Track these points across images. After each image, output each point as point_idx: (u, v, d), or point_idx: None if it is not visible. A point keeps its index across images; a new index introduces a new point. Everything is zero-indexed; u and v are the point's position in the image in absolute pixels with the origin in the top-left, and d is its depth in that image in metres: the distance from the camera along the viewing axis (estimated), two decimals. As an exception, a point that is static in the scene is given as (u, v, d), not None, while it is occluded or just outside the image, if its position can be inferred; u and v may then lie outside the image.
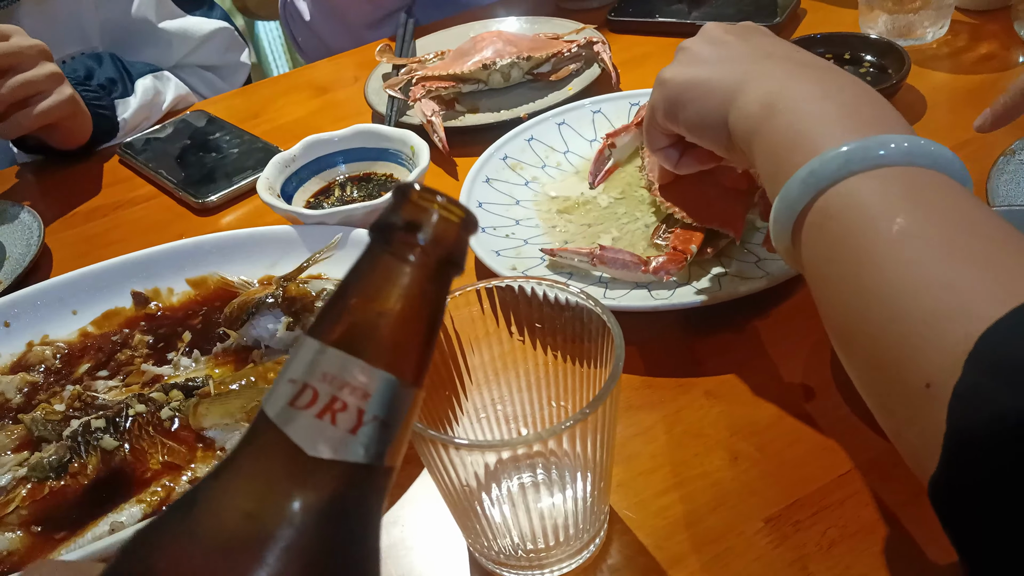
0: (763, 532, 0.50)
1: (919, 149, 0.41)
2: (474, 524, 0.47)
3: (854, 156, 0.42)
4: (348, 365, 0.27)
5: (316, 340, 0.27)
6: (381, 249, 0.28)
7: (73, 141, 1.02)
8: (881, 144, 0.41)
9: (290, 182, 0.82)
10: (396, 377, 0.27)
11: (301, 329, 0.64)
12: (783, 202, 0.45)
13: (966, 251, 0.37)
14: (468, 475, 0.42)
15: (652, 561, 0.49)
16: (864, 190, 0.41)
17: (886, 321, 0.38)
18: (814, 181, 0.43)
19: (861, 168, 0.41)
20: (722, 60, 0.54)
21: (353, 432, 0.27)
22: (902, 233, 0.39)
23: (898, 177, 0.41)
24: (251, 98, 1.17)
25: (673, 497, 0.52)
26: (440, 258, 0.29)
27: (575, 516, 0.47)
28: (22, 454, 0.59)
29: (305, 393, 0.26)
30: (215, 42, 1.27)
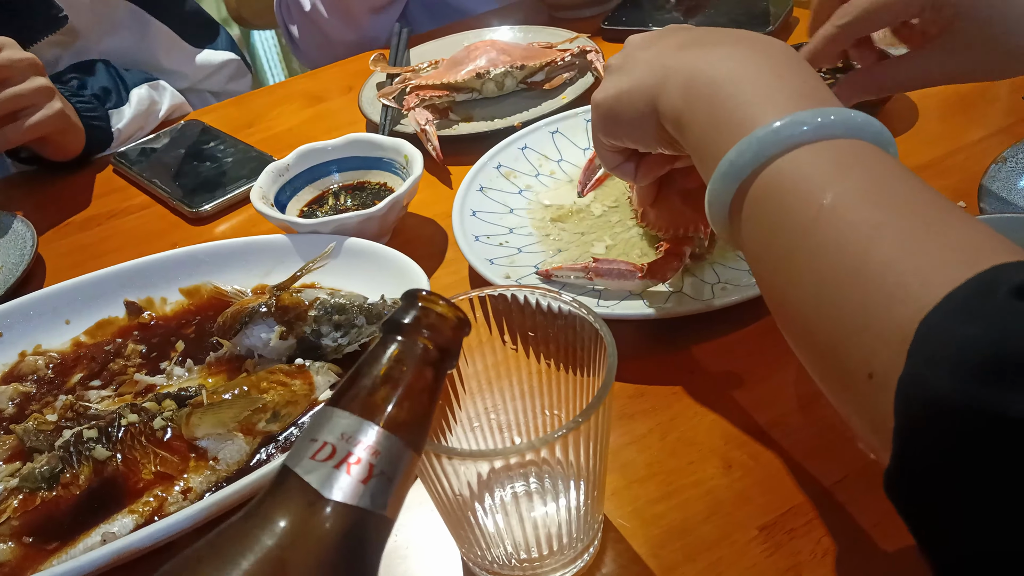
0: (757, 540, 0.49)
1: (846, 121, 0.41)
2: (467, 533, 0.47)
3: (782, 132, 0.41)
4: (363, 427, 0.32)
5: (335, 408, 0.33)
6: (392, 339, 0.35)
7: (65, 154, 1.02)
8: (804, 121, 0.41)
9: (284, 191, 0.82)
10: (400, 440, 0.33)
11: (294, 338, 0.63)
12: (717, 183, 0.44)
13: (905, 228, 0.36)
14: (461, 484, 0.42)
15: (646, 570, 0.49)
16: (794, 168, 0.40)
17: (825, 306, 0.37)
18: (742, 163, 0.42)
19: (798, 141, 0.41)
20: (640, 64, 0.53)
21: (364, 482, 0.32)
22: (836, 210, 0.38)
23: (828, 151, 0.40)
24: (245, 107, 1.17)
25: (667, 505, 0.52)
26: (439, 350, 0.36)
27: (569, 525, 0.47)
28: (14, 464, 0.59)
29: (324, 448, 0.32)
30: (222, 73, 1.28)
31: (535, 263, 0.71)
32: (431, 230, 0.83)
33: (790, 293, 0.40)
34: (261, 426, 0.58)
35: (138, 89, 1.11)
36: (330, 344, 0.63)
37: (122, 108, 1.09)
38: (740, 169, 0.42)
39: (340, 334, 0.63)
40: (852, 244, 0.36)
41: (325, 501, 0.31)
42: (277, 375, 0.60)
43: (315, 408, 0.60)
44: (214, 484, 0.56)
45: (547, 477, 0.46)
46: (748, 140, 0.42)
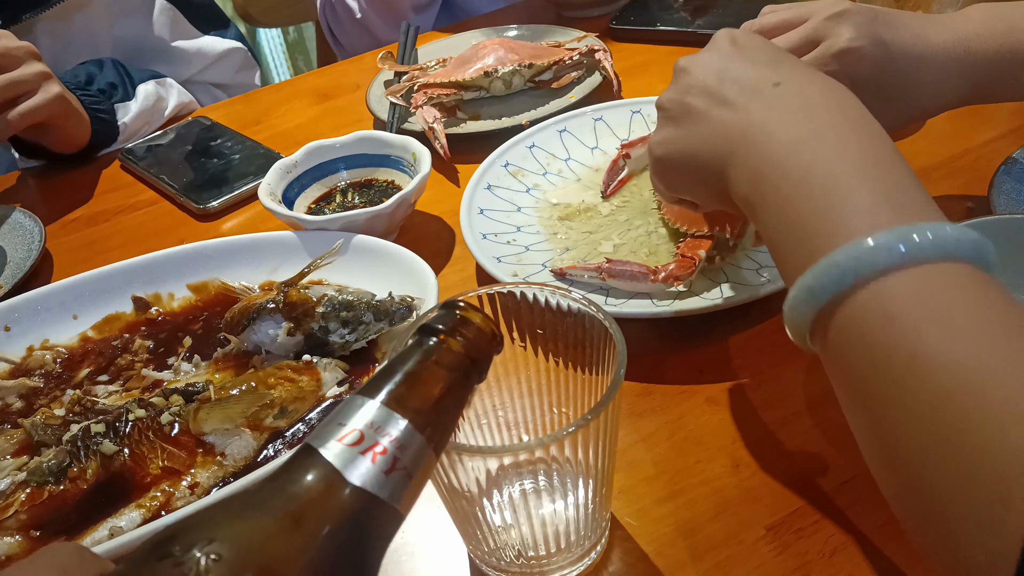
0: (765, 540, 0.49)
1: (941, 242, 0.37)
2: (475, 530, 0.47)
3: (864, 259, 0.37)
4: (393, 419, 0.33)
5: (367, 397, 0.33)
6: (430, 341, 0.36)
7: (70, 144, 1.02)
8: (890, 245, 0.37)
9: (292, 188, 0.82)
10: (425, 439, 0.33)
11: (302, 334, 0.63)
12: (793, 309, 0.41)
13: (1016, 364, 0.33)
14: (469, 480, 0.42)
15: (653, 568, 0.49)
16: (882, 303, 0.37)
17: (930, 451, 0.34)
18: (820, 290, 0.39)
19: (874, 274, 0.37)
20: (700, 121, 0.50)
21: (386, 473, 0.32)
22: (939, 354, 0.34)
23: (922, 281, 0.36)
24: (253, 104, 1.17)
25: (674, 504, 0.52)
26: (471, 359, 0.36)
27: (576, 523, 0.47)
28: (21, 458, 0.59)
29: (352, 434, 0.32)
30: (228, 61, 1.28)
31: (543, 261, 0.71)
32: (438, 228, 0.83)
33: (885, 431, 0.37)
34: (268, 422, 0.58)
35: (144, 85, 1.11)
36: (338, 341, 0.63)
37: (128, 103, 1.09)
38: (818, 296, 0.39)
39: (348, 331, 0.63)
40: (954, 395, 0.33)
41: (346, 483, 0.31)
42: (284, 371, 0.60)
43: (322, 404, 0.60)
44: (221, 479, 0.55)
45: (555, 475, 0.46)
46: (828, 265, 0.38)
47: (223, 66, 1.27)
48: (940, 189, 0.76)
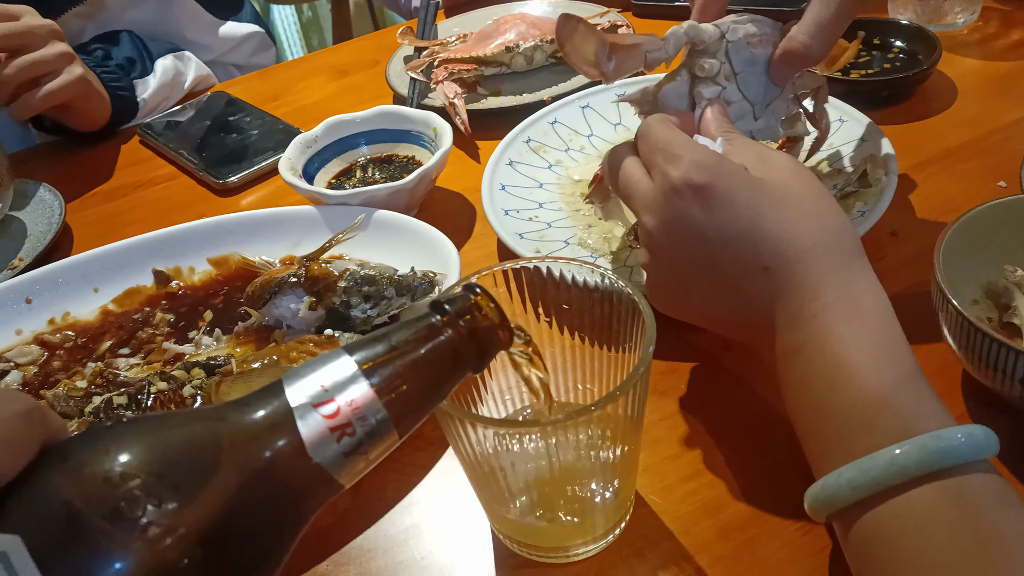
0: (790, 520, 0.49)
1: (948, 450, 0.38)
2: (499, 506, 0.46)
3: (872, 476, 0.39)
4: (375, 409, 0.32)
5: (358, 368, 0.32)
6: (432, 319, 0.35)
7: (91, 123, 1.02)
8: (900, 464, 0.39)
9: (312, 163, 0.82)
10: (397, 431, 0.33)
11: (323, 309, 0.63)
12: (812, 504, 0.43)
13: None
14: (495, 456, 0.42)
15: (678, 546, 0.49)
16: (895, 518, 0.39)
17: None
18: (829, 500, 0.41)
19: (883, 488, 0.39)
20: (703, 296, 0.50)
21: (347, 456, 0.32)
22: None
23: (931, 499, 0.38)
24: (271, 80, 1.17)
25: (699, 483, 0.52)
26: (470, 350, 0.35)
27: (601, 500, 0.46)
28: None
29: (329, 406, 0.31)
30: (246, 45, 1.27)
31: (565, 238, 0.70)
32: (459, 204, 0.82)
33: None
34: (290, 396, 0.57)
35: (163, 59, 1.10)
36: (359, 315, 0.63)
37: (147, 78, 1.08)
38: (830, 503, 0.41)
39: (369, 305, 0.63)
40: None
41: (301, 450, 0.31)
42: (306, 345, 0.60)
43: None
44: (243, 453, 0.55)
45: (581, 451, 0.45)
46: (837, 481, 0.40)
47: (241, 50, 1.27)
48: (969, 169, 0.75)
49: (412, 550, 0.51)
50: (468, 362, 0.36)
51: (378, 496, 0.54)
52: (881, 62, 0.88)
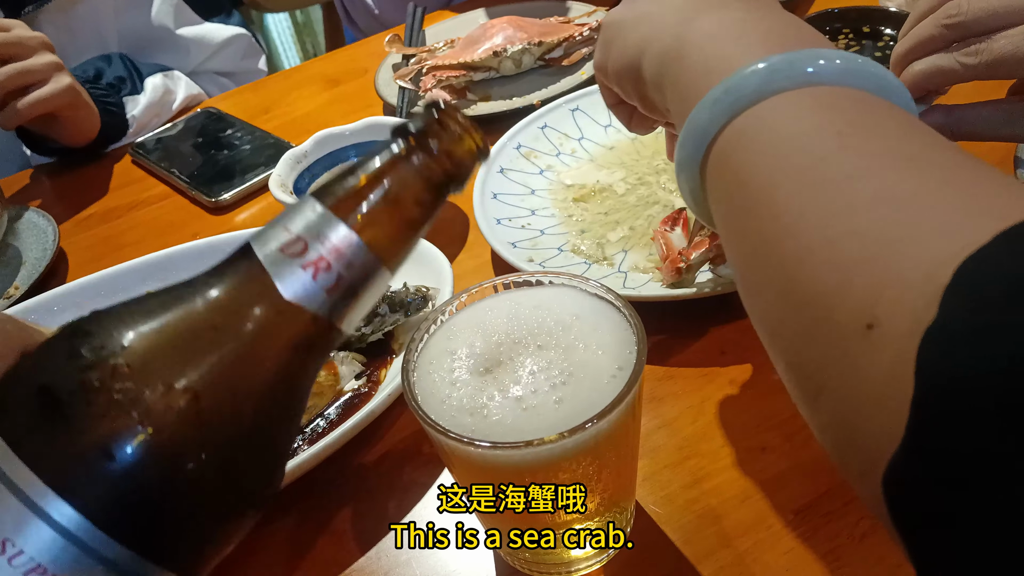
0: (794, 524, 0.49)
1: (856, 67, 0.35)
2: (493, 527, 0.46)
3: (777, 72, 0.35)
4: (346, 236, 0.30)
5: (321, 205, 0.30)
6: (398, 146, 0.32)
7: (79, 136, 1.01)
8: (809, 59, 0.35)
9: (303, 178, 0.82)
10: (379, 259, 0.30)
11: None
12: (690, 130, 0.38)
13: (923, 167, 0.29)
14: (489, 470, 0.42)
15: (681, 556, 0.48)
16: (789, 107, 0.34)
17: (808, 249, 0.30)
18: (729, 101, 0.36)
19: (784, 87, 0.35)
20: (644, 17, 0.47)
21: (328, 292, 0.30)
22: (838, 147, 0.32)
23: (831, 94, 0.34)
24: (261, 93, 1.16)
25: (700, 490, 0.51)
26: (444, 171, 0.32)
27: (600, 512, 0.46)
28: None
29: (297, 244, 0.29)
30: (232, 48, 1.26)
31: (558, 245, 0.70)
32: (451, 213, 0.82)
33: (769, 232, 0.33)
34: (287, 418, 0.57)
35: (152, 78, 1.10)
36: (353, 333, 0.63)
37: (137, 97, 1.08)
38: (736, 99, 0.36)
39: (363, 323, 0.62)
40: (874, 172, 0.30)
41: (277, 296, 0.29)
42: (302, 366, 0.60)
43: (341, 399, 0.60)
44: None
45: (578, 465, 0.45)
46: (753, 68, 0.36)
47: (228, 54, 1.26)
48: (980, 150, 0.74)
49: (415, 569, 0.51)
50: (446, 187, 0.33)
51: (379, 516, 0.54)
52: (871, 51, 0.88)
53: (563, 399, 0.41)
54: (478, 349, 0.44)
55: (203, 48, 1.22)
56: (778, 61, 0.35)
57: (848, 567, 0.46)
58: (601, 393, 0.41)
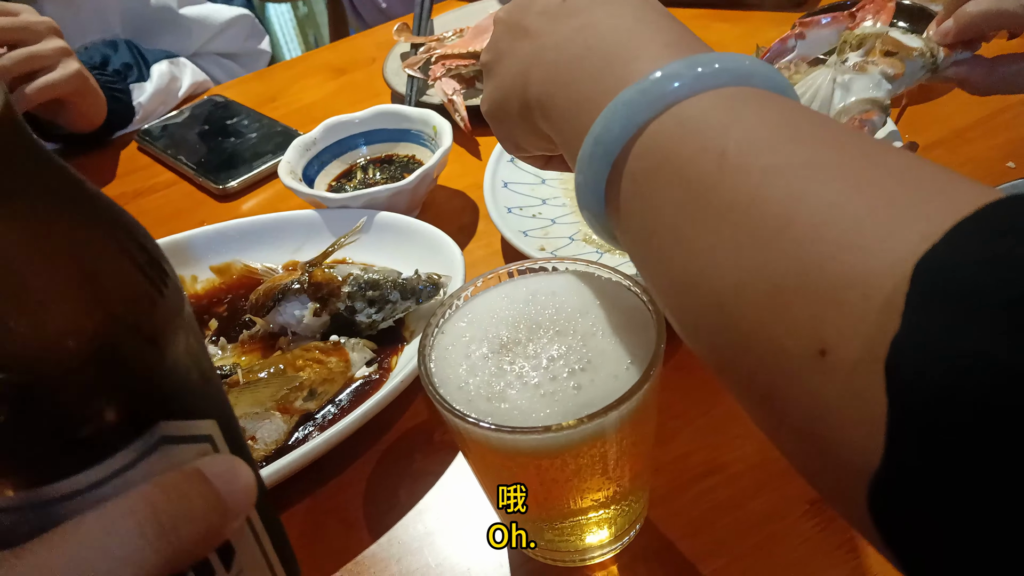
0: (808, 515, 0.48)
1: (743, 68, 0.33)
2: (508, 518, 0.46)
3: (652, 92, 0.33)
4: None
5: None
6: None
7: (86, 122, 1.01)
8: (678, 73, 0.33)
9: (311, 166, 0.81)
10: None
11: (328, 314, 0.63)
12: (584, 167, 0.36)
13: (842, 165, 0.28)
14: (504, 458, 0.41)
15: (694, 546, 0.48)
16: (697, 114, 0.32)
17: (748, 280, 0.28)
18: (610, 138, 0.34)
19: (663, 106, 0.33)
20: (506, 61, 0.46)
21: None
22: (742, 156, 0.30)
23: (735, 96, 0.32)
24: (268, 81, 1.16)
25: (713, 481, 0.51)
26: None
27: (614, 502, 0.46)
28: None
29: None
30: (235, 29, 1.26)
31: (570, 234, 0.70)
32: (461, 202, 0.81)
33: (694, 275, 0.31)
34: (298, 404, 0.57)
35: (158, 65, 1.10)
36: (364, 320, 0.62)
37: (143, 84, 1.08)
38: (609, 145, 0.34)
39: (374, 310, 0.62)
40: (773, 191, 0.28)
41: None
42: (313, 352, 0.60)
43: (352, 385, 0.59)
44: (253, 464, 0.55)
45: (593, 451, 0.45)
46: (613, 107, 0.34)
47: (231, 34, 1.25)
48: (977, 149, 0.74)
49: (426, 556, 0.51)
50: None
51: (390, 504, 0.54)
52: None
53: (582, 385, 0.41)
54: (495, 335, 0.44)
55: (206, 29, 1.21)
56: (661, 76, 0.33)
57: (862, 559, 0.46)
58: (620, 379, 0.41)
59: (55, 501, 0.24)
